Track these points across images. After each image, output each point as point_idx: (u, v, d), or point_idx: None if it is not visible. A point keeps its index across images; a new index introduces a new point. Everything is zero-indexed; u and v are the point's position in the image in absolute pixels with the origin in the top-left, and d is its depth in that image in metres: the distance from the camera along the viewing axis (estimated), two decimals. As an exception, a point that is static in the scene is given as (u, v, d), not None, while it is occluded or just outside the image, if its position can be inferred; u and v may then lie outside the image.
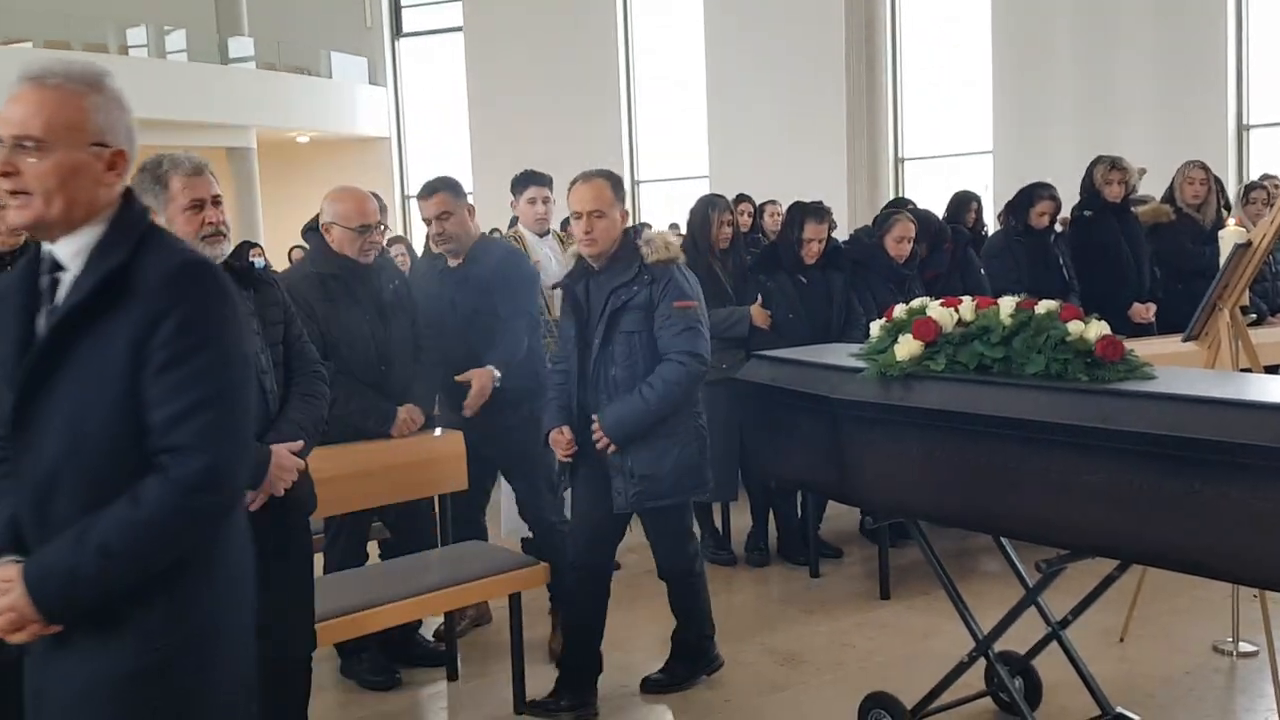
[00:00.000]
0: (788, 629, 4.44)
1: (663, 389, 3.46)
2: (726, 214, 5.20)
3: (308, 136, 19.15)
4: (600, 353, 3.52)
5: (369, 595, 3.57)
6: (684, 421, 3.58)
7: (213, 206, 2.78)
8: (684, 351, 3.48)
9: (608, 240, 3.51)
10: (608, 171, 3.62)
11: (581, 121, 16.77)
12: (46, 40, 16.43)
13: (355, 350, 3.84)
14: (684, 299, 3.49)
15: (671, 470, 3.55)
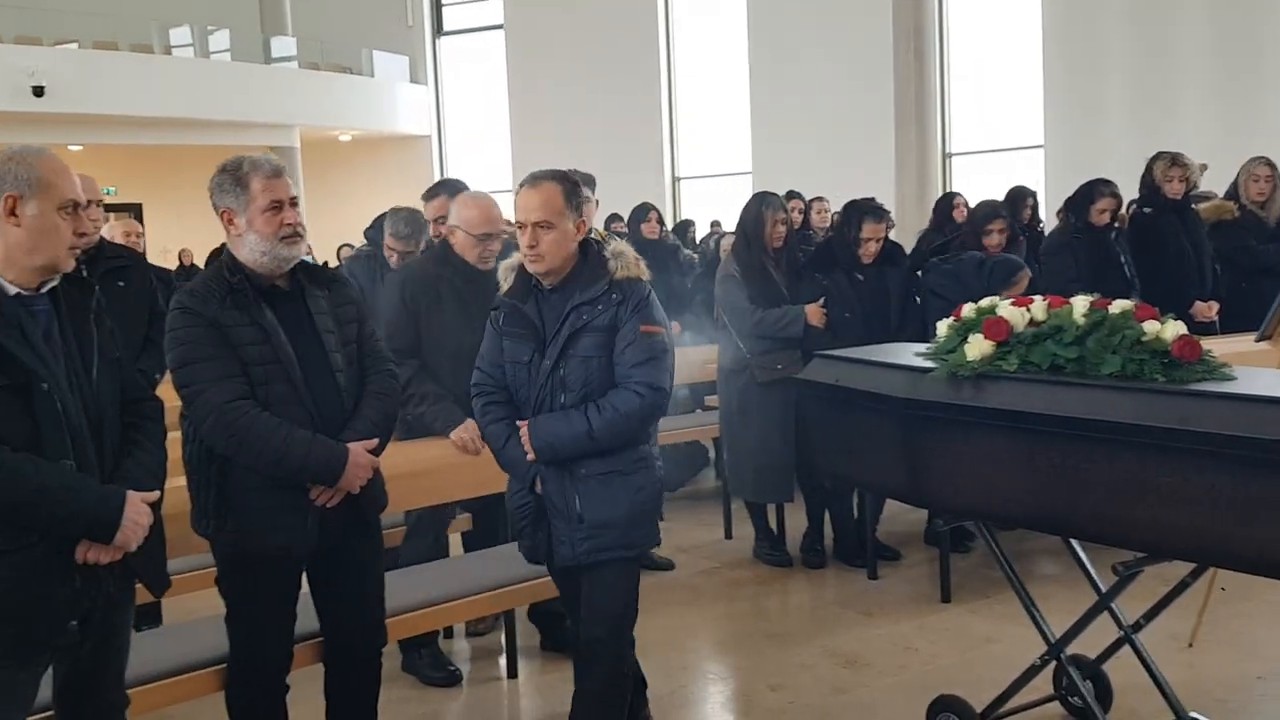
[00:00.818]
0: (847, 631, 4.41)
1: (611, 418, 2.88)
2: (780, 212, 5.16)
3: (350, 135, 19.30)
4: (549, 377, 2.92)
5: (437, 591, 3.58)
6: (641, 463, 2.99)
7: (290, 208, 2.80)
8: (644, 383, 2.89)
9: (558, 256, 2.91)
10: (562, 174, 3.04)
11: (622, 118, 16.78)
12: (95, 41, 16.65)
13: (444, 354, 3.81)
14: (651, 323, 2.94)
15: (624, 518, 2.93)
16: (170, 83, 16.22)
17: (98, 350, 2.44)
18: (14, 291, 2.34)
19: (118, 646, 2.53)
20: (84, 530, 2.31)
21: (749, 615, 4.73)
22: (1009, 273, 5.00)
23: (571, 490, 2.92)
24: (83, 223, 2.44)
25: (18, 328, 2.31)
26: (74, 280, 2.49)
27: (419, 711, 3.88)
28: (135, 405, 2.54)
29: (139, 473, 2.44)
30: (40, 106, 14.65)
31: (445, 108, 20.49)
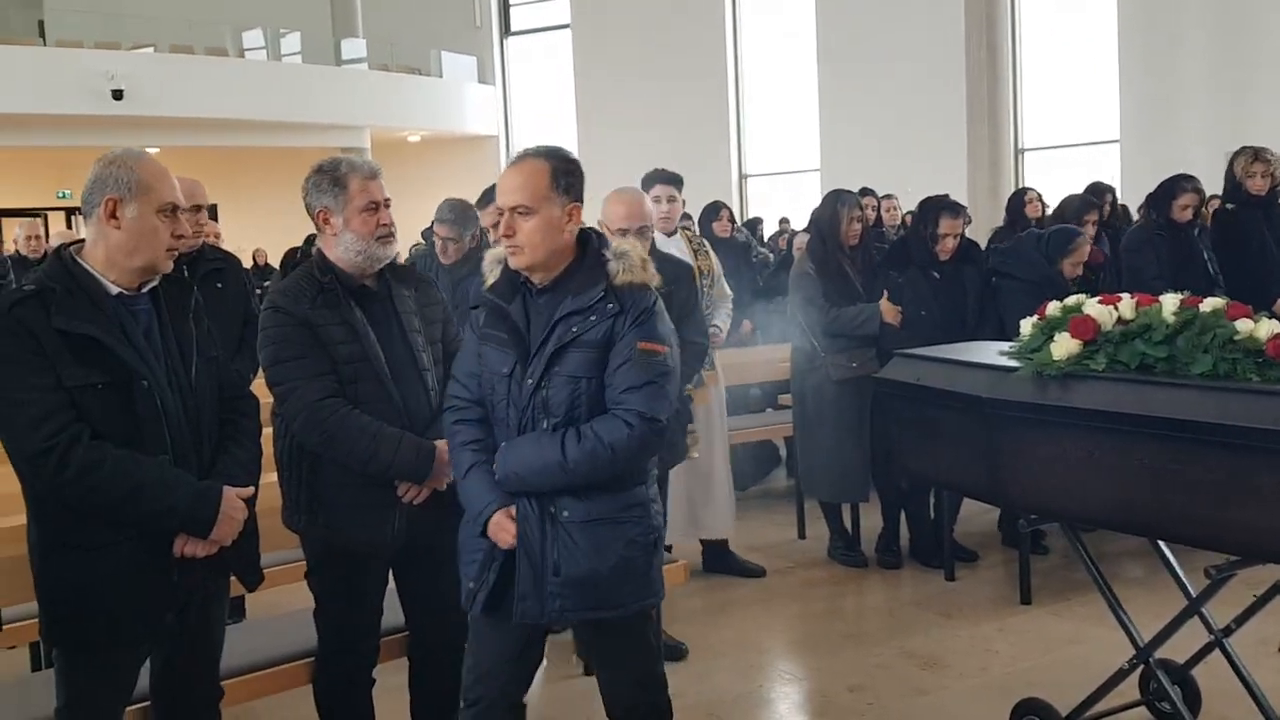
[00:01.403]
0: (926, 632, 4.37)
1: (591, 449, 2.43)
2: (856, 209, 5.12)
3: (419, 136, 19.52)
4: (531, 398, 2.49)
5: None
6: (637, 509, 2.54)
7: (385, 209, 2.86)
8: (635, 411, 2.43)
9: (541, 248, 2.48)
10: (555, 150, 2.60)
11: (688, 116, 16.78)
12: (171, 45, 17.02)
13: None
14: (654, 339, 2.48)
15: (609, 575, 2.49)
16: (244, 85, 16.53)
17: (196, 348, 2.51)
18: (116, 291, 2.42)
19: (212, 639, 2.60)
20: (180, 525, 2.37)
21: (824, 616, 4.71)
22: (1066, 240, 5.00)
23: (551, 535, 2.49)
24: (181, 225, 2.50)
25: (119, 327, 2.38)
26: (173, 280, 2.56)
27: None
28: (232, 402, 2.61)
29: (234, 469, 2.50)
30: (119, 109, 15.01)
31: (512, 107, 20.64)
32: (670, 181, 4.87)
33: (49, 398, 2.28)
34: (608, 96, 17.78)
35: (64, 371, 2.29)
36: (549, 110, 19.84)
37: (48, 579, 2.41)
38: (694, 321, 4.01)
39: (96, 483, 2.28)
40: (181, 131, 16.49)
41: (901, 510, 5.25)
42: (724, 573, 5.10)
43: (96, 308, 2.37)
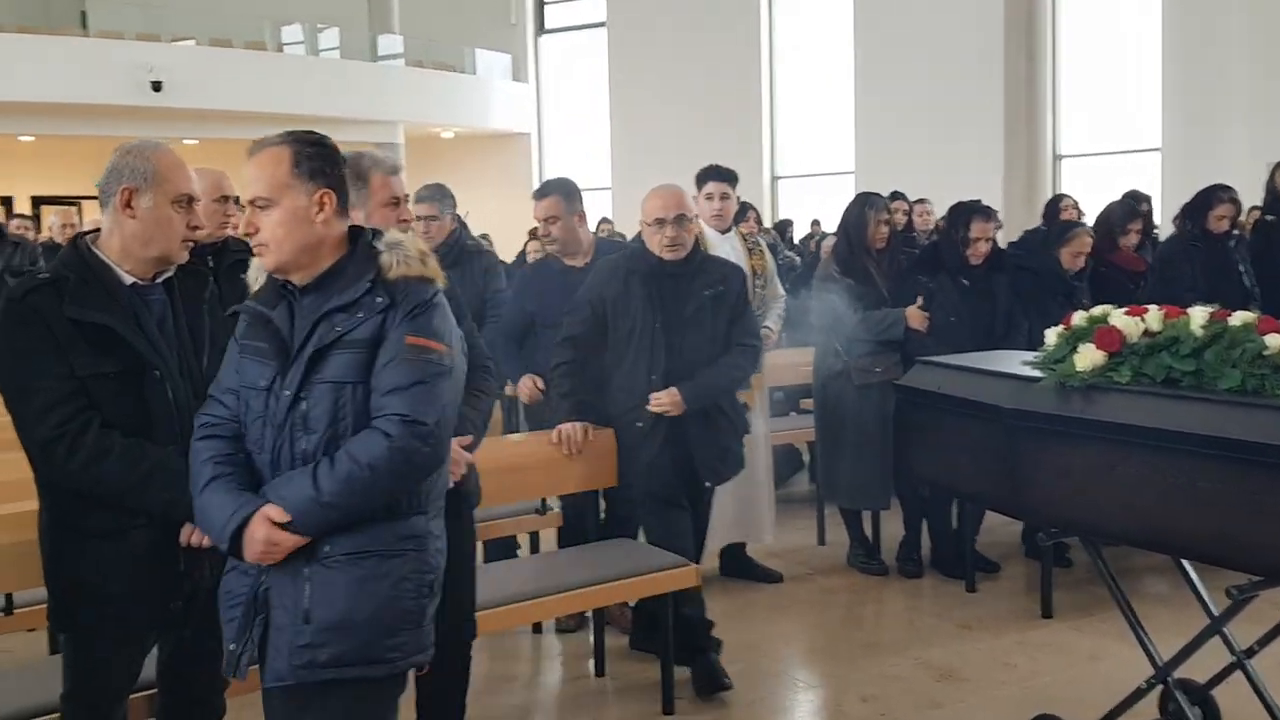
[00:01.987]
0: (944, 644, 4.31)
1: (347, 473, 2.07)
2: (883, 213, 5.07)
3: (452, 132, 19.59)
4: (289, 413, 2.14)
5: (523, 587, 3.59)
6: (410, 542, 2.16)
7: (404, 205, 2.87)
8: (398, 416, 2.08)
9: (289, 242, 2.17)
10: (297, 133, 2.27)
11: (721, 116, 16.71)
12: (211, 39, 17.17)
13: (625, 351, 3.83)
14: (425, 334, 2.13)
15: (370, 620, 2.12)
16: (281, 79, 16.65)
17: (209, 339, 2.51)
18: (130, 281, 2.43)
19: (219, 629, 2.59)
20: (186, 514, 2.37)
21: (841, 623, 4.66)
22: (1064, 230, 5.16)
23: (302, 575, 2.11)
24: (196, 216, 2.50)
25: (133, 316, 2.39)
26: (189, 271, 2.58)
27: (508, 704, 3.90)
28: None
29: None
30: (158, 101, 15.15)
31: (545, 105, 20.67)
32: (723, 178, 4.86)
33: (60, 385, 2.29)
34: (641, 95, 17.75)
35: (76, 360, 2.31)
36: (581, 108, 19.85)
37: (56, 564, 2.43)
38: (745, 323, 3.99)
39: (104, 471, 2.29)
40: (218, 124, 16.62)
41: (923, 519, 5.19)
42: (741, 577, 5.07)
43: (110, 297, 2.38)
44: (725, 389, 3.95)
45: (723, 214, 4.82)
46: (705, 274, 3.91)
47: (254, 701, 3.55)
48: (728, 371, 3.90)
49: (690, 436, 3.84)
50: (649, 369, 3.81)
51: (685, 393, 3.79)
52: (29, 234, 8.64)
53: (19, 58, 14.28)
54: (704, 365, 3.84)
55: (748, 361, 3.97)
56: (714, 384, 3.87)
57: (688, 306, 3.83)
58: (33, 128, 15.71)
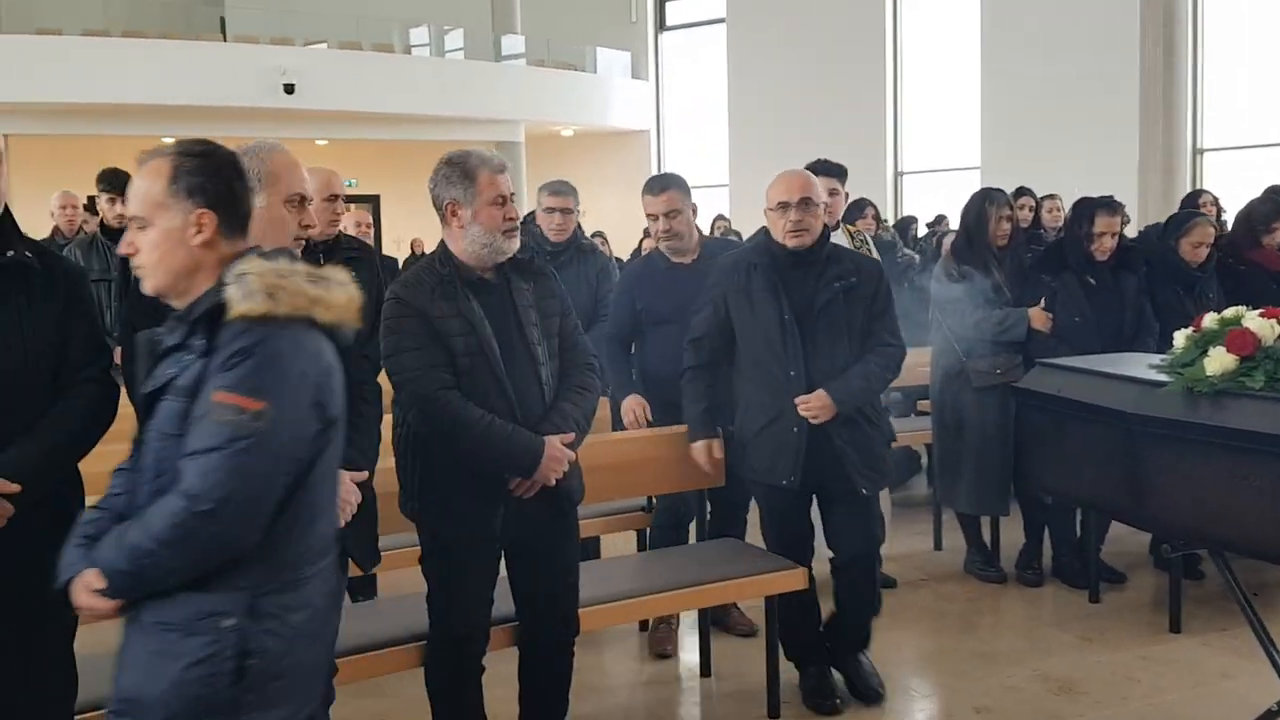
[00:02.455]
0: (1063, 655, 4.15)
1: (134, 545, 1.84)
2: (1005, 208, 4.90)
3: (572, 130, 19.76)
4: (135, 464, 1.98)
5: (629, 585, 3.59)
6: (207, 621, 1.85)
7: (510, 203, 2.88)
8: (184, 490, 1.81)
9: (161, 267, 1.96)
10: (188, 144, 2.03)
11: (843, 111, 16.47)
12: (341, 41, 17.66)
13: (756, 351, 3.57)
14: (240, 389, 1.82)
15: (162, 701, 1.84)
16: (408, 81, 17.03)
17: None
18: None
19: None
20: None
21: (957, 632, 4.53)
22: (1182, 221, 5.01)
23: (125, 632, 1.93)
24: (308, 215, 2.55)
25: None
26: None
27: (612, 703, 3.90)
28: (357, 388, 2.63)
29: (351, 453, 2.53)
30: (291, 103, 15.65)
31: (665, 102, 20.69)
32: (831, 173, 4.68)
33: None
34: (761, 91, 17.61)
35: None
36: (701, 105, 19.81)
37: None
38: (887, 321, 3.64)
39: None
40: (349, 125, 17.11)
41: (1045, 526, 5.01)
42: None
43: None
44: (873, 392, 3.64)
45: (832, 210, 4.70)
46: (836, 264, 3.59)
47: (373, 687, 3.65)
48: (874, 373, 3.57)
49: (836, 443, 3.53)
50: (787, 364, 3.51)
51: (834, 394, 3.49)
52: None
53: (162, 63, 14.93)
54: (841, 364, 3.53)
55: (891, 364, 3.63)
56: (863, 387, 3.55)
57: (817, 298, 3.52)
58: (174, 129, 16.34)
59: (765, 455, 3.58)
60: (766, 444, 3.57)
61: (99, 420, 2.49)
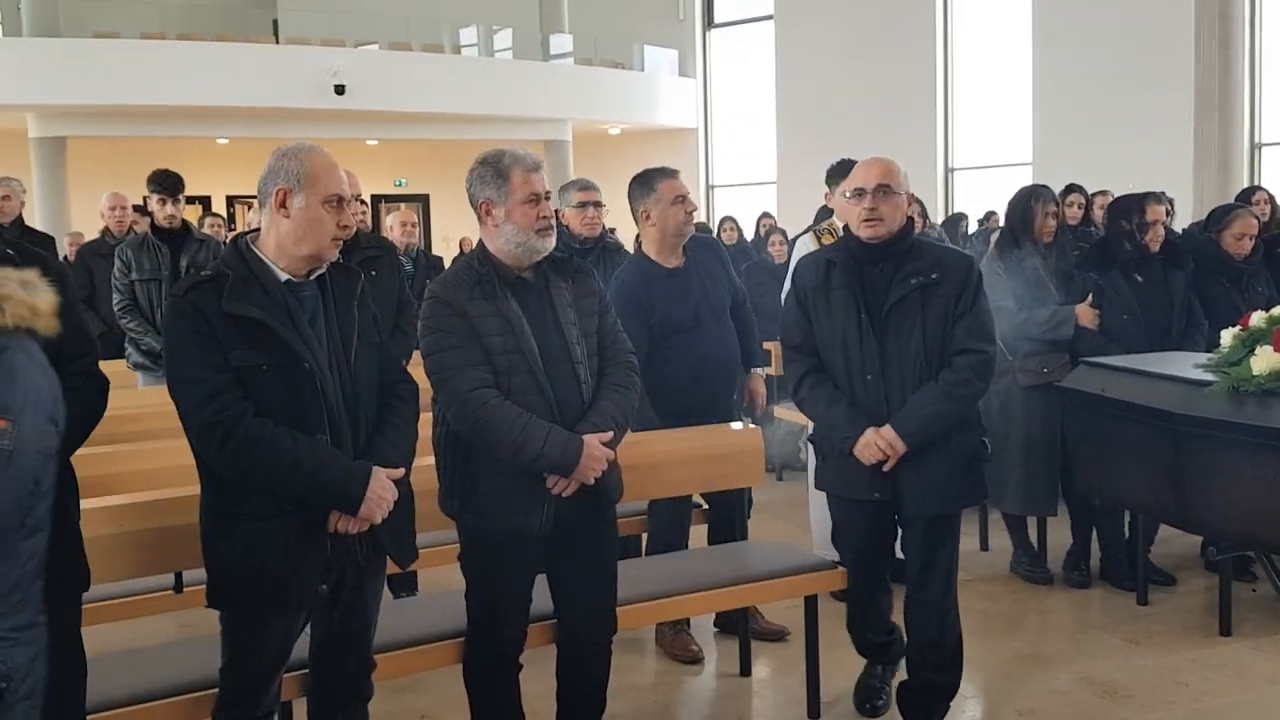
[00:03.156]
0: (1109, 659, 4.09)
1: None
2: (1051, 205, 4.84)
3: (619, 128, 19.79)
4: None
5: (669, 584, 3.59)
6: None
7: (545, 201, 2.89)
8: None
9: None
10: None
11: (893, 107, 16.34)
12: (391, 42, 17.83)
13: (833, 348, 3.27)
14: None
15: None
16: (456, 81, 17.15)
17: (358, 334, 2.60)
18: (285, 278, 2.53)
19: (365, 612, 2.70)
20: (332, 501, 2.47)
21: (1002, 633, 4.47)
22: (1224, 213, 4.95)
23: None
24: (346, 216, 2.58)
25: (285, 312, 2.49)
26: (342, 269, 2.67)
27: (651, 700, 3.91)
28: (392, 386, 2.69)
29: (388, 450, 2.58)
30: (341, 104, 15.83)
31: (712, 100, 20.65)
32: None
33: (216, 376, 2.41)
34: (809, 88, 17.52)
35: (232, 352, 2.43)
36: (749, 103, 19.75)
37: (213, 544, 2.55)
38: (973, 324, 3.25)
39: (255, 458, 2.40)
40: (399, 125, 17.27)
41: (1093, 526, 4.94)
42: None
43: (265, 293, 2.49)
44: (953, 415, 3.21)
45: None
46: (915, 259, 3.25)
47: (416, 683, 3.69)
48: (950, 393, 3.18)
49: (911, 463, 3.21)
50: (862, 369, 3.22)
51: (903, 428, 3.15)
52: (221, 232, 9.16)
53: (217, 65, 15.16)
54: (913, 370, 3.21)
55: (977, 375, 3.22)
56: (935, 413, 3.17)
57: (890, 295, 3.21)
58: (228, 131, 16.66)
59: (844, 467, 3.29)
60: (845, 455, 3.27)
61: (89, 414, 2.42)
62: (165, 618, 4.09)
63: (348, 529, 2.50)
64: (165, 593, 3.32)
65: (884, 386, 3.22)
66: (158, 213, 5.72)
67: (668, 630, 4.22)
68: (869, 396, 3.23)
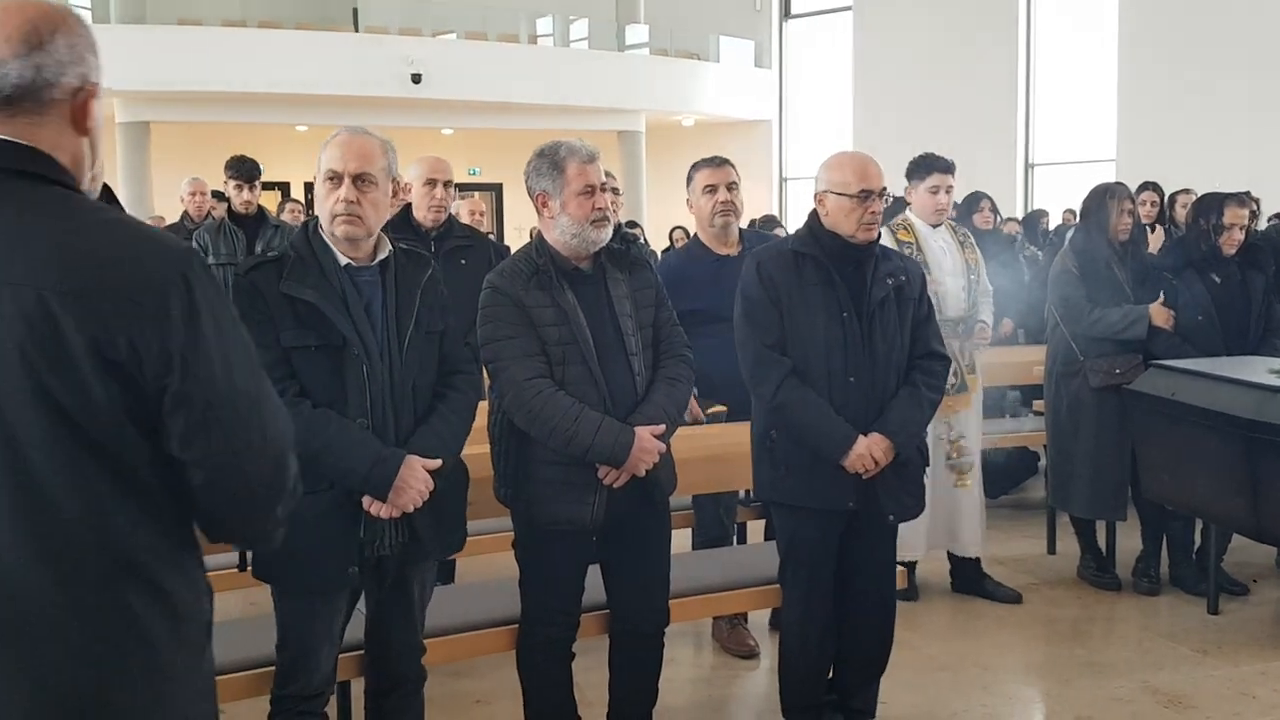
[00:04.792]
0: (1176, 668, 3.99)
1: None
2: (1127, 202, 4.72)
3: (692, 119, 19.73)
4: None
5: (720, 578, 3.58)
6: None
7: (601, 193, 2.87)
8: None
9: None
10: None
11: (972, 100, 16.08)
12: (468, 32, 17.96)
13: (810, 350, 3.11)
14: None
15: None
16: (533, 70, 17.22)
17: (415, 322, 2.58)
18: (345, 262, 2.56)
19: (410, 596, 2.70)
20: (360, 485, 2.48)
21: (1066, 639, 4.39)
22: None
23: None
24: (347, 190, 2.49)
25: (341, 296, 2.51)
26: (414, 256, 2.68)
27: (705, 694, 3.90)
28: (451, 376, 2.68)
29: (430, 440, 2.57)
30: (418, 93, 15.98)
31: (788, 91, 20.49)
32: (948, 170, 4.51)
33: (264, 354, 2.40)
34: (887, 80, 17.29)
35: (283, 332, 2.48)
36: (826, 94, 19.56)
37: None
38: (934, 326, 3.31)
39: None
40: (474, 114, 17.39)
41: (1164, 532, 4.82)
42: (975, 595, 4.75)
43: (323, 276, 2.52)
44: (928, 421, 3.25)
45: (944, 208, 4.52)
46: (886, 261, 3.23)
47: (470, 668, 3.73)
48: (926, 398, 3.19)
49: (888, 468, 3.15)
50: (845, 370, 3.10)
51: (895, 433, 3.10)
52: (300, 217, 9.32)
53: (297, 53, 15.40)
54: (896, 372, 3.17)
55: (942, 379, 3.29)
56: (920, 419, 3.19)
57: (873, 295, 3.13)
58: (307, 118, 16.91)
59: (819, 475, 3.12)
60: (820, 462, 3.12)
61: None
62: (232, 595, 4.17)
63: (380, 514, 2.50)
64: (230, 570, 3.38)
65: (865, 389, 3.12)
66: (234, 198, 5.84)
67: (725, 624, 4.21)
68: (847, 399, 3.11)
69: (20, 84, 1.41)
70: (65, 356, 1.36)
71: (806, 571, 3.27)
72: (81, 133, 1.48)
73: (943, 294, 4.36)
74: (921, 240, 4.46)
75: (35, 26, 1.42)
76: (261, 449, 1.49)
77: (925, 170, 4.51)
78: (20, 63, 1.41)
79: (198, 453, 1.43)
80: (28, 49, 1.41)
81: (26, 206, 1.40)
